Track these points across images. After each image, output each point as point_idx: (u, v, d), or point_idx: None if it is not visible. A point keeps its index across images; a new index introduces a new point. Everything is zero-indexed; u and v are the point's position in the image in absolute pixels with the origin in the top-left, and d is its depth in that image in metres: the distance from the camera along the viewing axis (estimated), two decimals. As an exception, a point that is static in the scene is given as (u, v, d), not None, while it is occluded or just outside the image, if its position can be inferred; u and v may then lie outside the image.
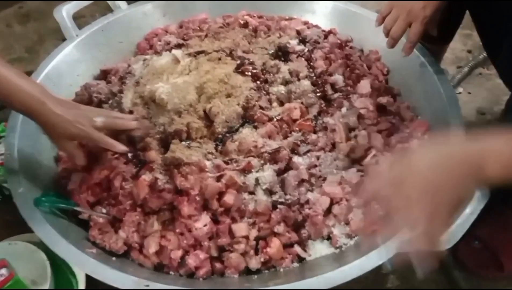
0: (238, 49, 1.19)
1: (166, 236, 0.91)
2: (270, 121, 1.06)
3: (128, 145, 0.97)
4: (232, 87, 1.06)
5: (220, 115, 1.02)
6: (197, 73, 1.06)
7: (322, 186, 0.98)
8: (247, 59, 1.14)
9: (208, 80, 1.04)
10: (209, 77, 1.05)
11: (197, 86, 1.04)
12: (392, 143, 1.07)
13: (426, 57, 1.18)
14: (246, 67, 1.12)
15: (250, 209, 0.93)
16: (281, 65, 1.17)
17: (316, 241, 0.96)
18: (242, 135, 1.03)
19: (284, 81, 1.14)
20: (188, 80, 1.04)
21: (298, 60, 1.19)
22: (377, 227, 0.94)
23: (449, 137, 0.86)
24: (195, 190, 0.91)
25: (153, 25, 1.41)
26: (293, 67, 1.17)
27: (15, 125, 1.05)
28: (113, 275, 0.82)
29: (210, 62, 1.11)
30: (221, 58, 1.14)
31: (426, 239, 0.63)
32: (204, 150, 0.99)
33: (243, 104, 1.05)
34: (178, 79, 1.04)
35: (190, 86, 1.03)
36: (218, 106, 1.02)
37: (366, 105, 1.10)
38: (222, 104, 1.03)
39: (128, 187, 0.96)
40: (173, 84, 1.03)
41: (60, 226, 0.91)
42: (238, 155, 1.00)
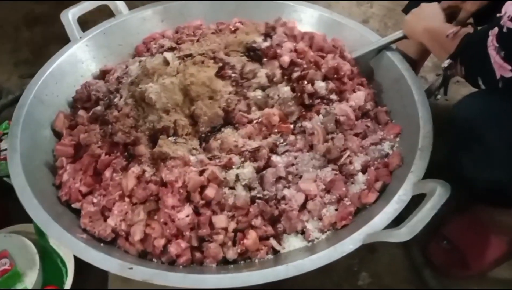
0: (220, 52, 1.24)
1: (150, 225, 0.98)
2: (250, 123, 1.13)
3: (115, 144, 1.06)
4: (213, 91, 1.13)
5: (203, 116, 1.10)
6: (183, 75, 1.14)
7: (298, 183, 1.05)
8: (227, 63, 1.20)
9: (191, 83, 1.12)
10: (193, 80, 1.12)
11: (182, 88, 1.12)
12: (366, 144, 1.13)
13: (403, 65, 1.25)
14: (226, 71, 1.18)
15: (229, 203, 1.00)
16: (259, 70, 1.21)
17: (291, 235, 1.03)
18: (224, 134, 1.10)
19: (261, 86, 1.20)
20: (175, 81, 1.12)
21: (270, 62, 1.24)
22: (348, 222, 1.01)
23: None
24: (178, 183, 0.98)
25: (151, 30, 1.49)
26: (268, 70, 1.22)
27: (19, 118, 1.13)
28: (100, 258, 0.89)
29: (195, 65, 1.18)
30: (204, 62, 1.21)
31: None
32: (189, 146, 1.07)
33: (224, 107, 1.12)
34: (166, 80, 1.12)
35: (176, 87, 1.11)
36: (201, 108, 1.10)
37: (346, 113, 1.16)
38: (205, 106, 1.11)
39: (118, 179, 1.03)
40: (162, 84, 1.10)
41: (55, 214, 0.98)
42: (220, 152, 1.07)
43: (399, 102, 1.22)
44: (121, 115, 1.09)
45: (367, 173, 1.09)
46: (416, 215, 0.86)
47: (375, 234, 0.89)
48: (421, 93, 1.16)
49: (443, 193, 0.88)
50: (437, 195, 0.88)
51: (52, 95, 1.24)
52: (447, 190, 0.89)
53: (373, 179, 1.06)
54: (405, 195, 0.95)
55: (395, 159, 1.08)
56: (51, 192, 1.08)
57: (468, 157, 0.98)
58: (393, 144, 1.15)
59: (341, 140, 1.11)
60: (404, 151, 1.10)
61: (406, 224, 0.84)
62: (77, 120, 1.20)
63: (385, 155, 1.13)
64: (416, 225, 0.84)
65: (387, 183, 1.06)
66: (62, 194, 1.06)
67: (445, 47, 1.03)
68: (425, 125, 1.08)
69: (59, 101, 1.27)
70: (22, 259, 1.09)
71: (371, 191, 1.05)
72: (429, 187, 0.92)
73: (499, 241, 1.16)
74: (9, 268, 1.07)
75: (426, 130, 1.07)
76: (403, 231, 0.84)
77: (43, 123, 1.20)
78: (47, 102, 1.22)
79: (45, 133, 1.19)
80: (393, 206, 0.94)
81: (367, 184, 1.07)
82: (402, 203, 0.94)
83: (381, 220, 0.92)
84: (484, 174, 0.95)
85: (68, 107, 1.29)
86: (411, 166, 1.01)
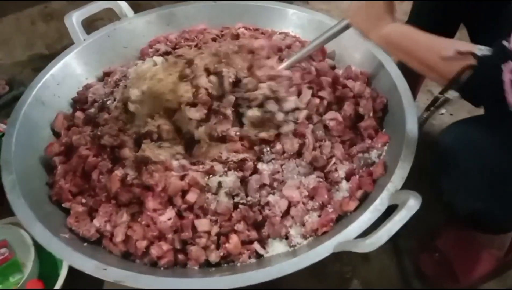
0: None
1: (133, 227, 1.01)
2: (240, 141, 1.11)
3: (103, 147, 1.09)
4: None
5: (184, 126, 1.12)
6: (164, 79, 1.14)
7: (281, 190, 1.06)
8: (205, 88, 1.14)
9: (169, 91, 1.13)
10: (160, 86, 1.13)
11: (162, 93, 1.13)
12: (353, 152, 1.13)
13: (396, 75, 1.23)
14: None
15: (212, 208, 1.01)
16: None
17: (275, 240, 1.04)
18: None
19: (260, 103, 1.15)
20: (153, 87, 1.13)
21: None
22: (328, 229, 1.02)
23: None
24: (159, 187, 1.01)
25: (157, 33, 1.51)
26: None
27: (15, 120, 1.16)
28: (76, 258, 0.91)
29: (175, 69, 1.18)
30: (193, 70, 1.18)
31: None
32: (173, 150, 1.09)
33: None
34: (148, 84, 1.13)
35: (157, 92, 1.12)
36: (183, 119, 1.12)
37: (336, 117, 1.16)
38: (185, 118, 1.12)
39: (104, 181, 1.06)
40: (143, 89, 1.13)
41: (43, 213, 1.01)
42: (204, 159, 1.08)
43: (390, 112, 1.21)
44: (110, 119, 1.13)
45: (350, 181, 1.09)
46: (384, 226, 0.85)
47: (345, 243, 0.89)
48: (411, 103, 1.14)
49: (413, 205, 0.87)
50: (406, 207, 0.87)
51: (52, 96, 1.28)
52: (418, 203, 0.87)
53: (355, 187, 1.06)
54: (381, 205, 0.95)
55: (378, 168, 1.08)
56: (44, 191, 1.12)
57: (448, 184, 0.97)
58: (380, 153, 1.14)
59: (328, 148, 1.12)
60: (390, 161, 1.09)
61: (372, 235, 0.84)
62: (74, 121, 1.23)
63: (371, 164, 1.13)
64: (381, 237, 0.84)
65: (369, 191, 1.06)
66: (53, 194, 1.09)
67: (436, 68, 0.92)
68: (409, 135, 1.07)
69: (60, 102, 1.31)
70: (20, 249, 1.14)
71: (352, 199, 1.05)
72: (402, 198, 0.91)
73: (489, 256, 1.15)
74: (9, 257, 1.11)
75: (409, 141, 1.06)
76: (368, 243, 0.83)
77: (42, 124, 1.23)
78: (48, 103, 1.26)
79: (44, 134, 1.23)
80: (368, 215, 0.94)
81: (349, 192, 1.07)
82: (377, 213, 0.94)
83: (354, 229, 0.92)
84: (463, 201, 0.94)
85: (70, 108, 1.33)
86: (391, 175, 1.00)
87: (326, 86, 1.22)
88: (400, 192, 0.95)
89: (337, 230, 0.98)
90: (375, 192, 1.04)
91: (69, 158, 1.15)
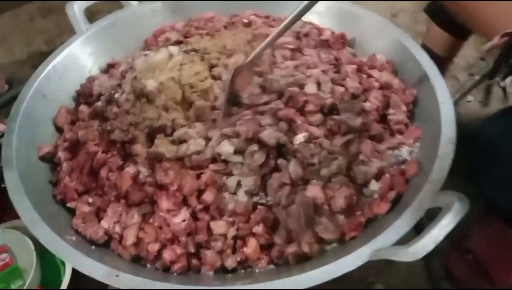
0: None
1: (144, 229, 0.93)
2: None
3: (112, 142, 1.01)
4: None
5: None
6: (187, 71, 1.07)
7: (304, 191, 0.97)
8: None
9: (194, 84, 1.05)
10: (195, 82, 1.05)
11: (184, 85, 1.05)
12: (382, 149, 1.05)
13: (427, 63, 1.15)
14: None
15: (229, 208, 0.94)
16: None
17: (295, 244, 0.96)
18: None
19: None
20: (177, 77, 1.05)
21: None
22: (357, 233, 0.94)
23: None
24: (174, 186, 0.93)
25: (162, 23, 1.42)
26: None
27: (16, 115, 1.08)
28: (85, 263, 0.84)
29: (203, 63, 1.11)
30: (220, 59, 1.13)
31: None
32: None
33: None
34: (167, 75, 1.05)
35: (177, 84, 1.04)
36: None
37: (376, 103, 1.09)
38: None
39: (113, 179, 0.98)
40: (163, 80, 1.04)
41: (47, 213, 0.94)
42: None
43: (421, 104, 1.13)
44: (120, 112, 1.04)
45: (381, 180, 1.00)
46: (428, 233, 0.77)
47: (382, 250, 0.81)
48: (446, 94, 1.06)
49: (460, 209, 0.78)
50: (453, 211, 0.78)
51: (54, 90, 1.20)
52: (465, 206, 0.79)
53: (387, 188, 0.98)
54: (420, 208, 0.86)
55: (412, 167, 0.99)
56: (47, 190, 1.04)
57: (492, 179, 0.89)
58: (412, 149, 1.06)
59: (355, 144, 1.03)
60: (423, 158, 1.01)
61: (416, 242, 0.76)
62: (78, 115, 1.15)
63: (402, 162, 1.04)
64: (427, 245, 0.76)
65: (402, 192, 0.97)
66: (57, 193, 1.01)
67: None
68: (447, 131, 0.99)
69: (63, 95, 1.22)
70: (21, 255, 1.08)
71: (383, 200, 0.96)
72: (445, 200, 0.82)
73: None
74: (10, 262, 1.05)
75: (448, 136, 0.97)
76: (411, 251, 0.75)
77: (44, 119, 1.15)
78: (50, 96, 1.18)
79: (46, 129, 1.15)
80: (405, 219, 0.86)
81: (380, 193, 0.98)
82: (416, 217, 0.86)
83: (391, 235, 0.84)
84: (505, 197, 0.86)
85: (73, 102, 1.24)
86: (428, 175, 0.92)
87: (350, 75, 1.14)
88: (442, 193, 0.86)
89: (368, 235, 0.90)
90: (409, 193, 0.96)
91: (74, 155, 1.07)
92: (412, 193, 0.94)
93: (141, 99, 1.05)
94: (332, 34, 1.31)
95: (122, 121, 1.03)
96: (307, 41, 1.25)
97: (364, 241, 0.86)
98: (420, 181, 0.94)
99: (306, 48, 1.23)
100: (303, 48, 1.23)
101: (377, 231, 0.87)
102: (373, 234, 0.88)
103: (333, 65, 1.18)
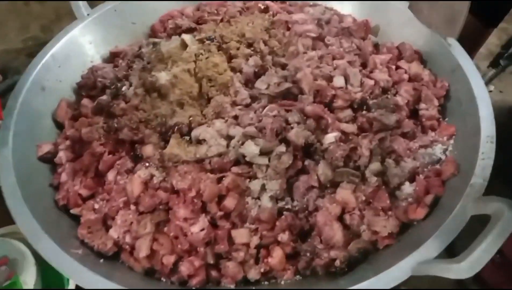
0: (261, 43, 1.07)
1: (158, 240, 0.84)
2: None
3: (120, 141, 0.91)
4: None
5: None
6: (204, 63, 0.97)
7: (333, 194, 0.89)
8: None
9: (213, 77, 0.96)
10: (213, 74, 0.96)
11: (200, 78, 0.95)
12: (414, 147, 0.96)
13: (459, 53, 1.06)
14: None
15: (252, 214, 0.86)
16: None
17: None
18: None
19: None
20: (192, 69, 0.95)
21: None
22: (391, 241, 0.85)
23: None
24: (192, 191, 0.84)
25: (169, 7, 1.32)
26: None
27: (12, 109, 0.98)
28: (95, 282, 0.75)
29: (221, 53, 1.02)
30: (239, 49, 1.04)
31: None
32: (208, 147, 0.91)
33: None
34: (182, 67, 0.95)
35: (193, 76, 0.94)
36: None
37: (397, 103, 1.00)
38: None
39: (122, 183, 0.89)
40: (177, 72, 0.94)
41: (48, 222, 0.85)
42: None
43: (454, 98, 1.04)
44: (128, 108, 0.95)
45: (415, 182, 0.91)
46: (479, 245, 0.68)
47: (427, 264, 0.73)
48: (482, 86, 0.97)
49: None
50: (505, 219, 0.70)
51: (54, 81, 1.09)
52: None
53: (422, 191, 0.89)
54: (463, 215, 0.78)
55: (449, 167, 0.91)
56: (48, 194, 0.94)
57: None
58: (446, 147, 0.97)
59: (386, 142, 0.94)
60: (460, 158, 0.93)
61: (467, 255, 0.67)
62: (81, 110, 1.05)
63: (436, 161, 0.96)
64: (481, 258, 0.67)
65: (439, 195, 0.89)
66: (59, 198, 0.92)
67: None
68: (487, 127, 0.90)
69: (63, 87, 1.11)
70: (21, 267, 0.98)
71: (421, 205, 0.87)
72: (493, 207, 0.74)
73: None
74: (10, 275, 0.96)
75: (488, 134, 0.89)
76: (464, 266, 0.67)
77: (44, 113, 1.05)
78: (49, 88, 1.07)
79: (46, 124, 1.05)
80: (448, 228, 0.77)
81: (415, 196, 0.89)
82: (459, 225, 0.77)
83: (434, 246, 0.76)
84: None
85: (73, 94, 1.14)
86: (469, 176, 0.84)
87: (378, 66, 1.05)
88: (488, 199, 0.78)
89: (404, 245, 0.83)
90: (447, 196, 0.88)
91: (77, 155, 0.97)
92: (450, 197, 0.86)
93: (152, 94, 0.95)
94: (354, 21, 1.21)
95: (131, 118, 0.93)
96: (328, 29, 1.16)
97: (401, 252, 0.78)
98: (459, 183, 0.86)
99: (328, 36, 1.14)
100: (325, 36, 1.13)
101: (416, 240, 0.79)
102: (410, 243, 0.80)
103: (357, 55, 1.09)
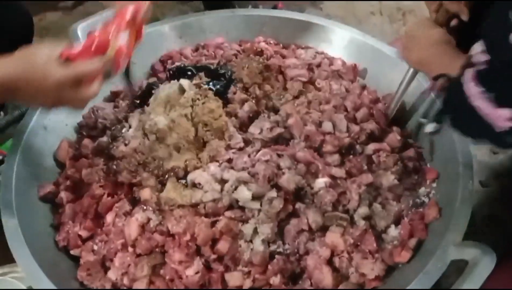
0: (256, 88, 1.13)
1: (155, 283, 0.88)
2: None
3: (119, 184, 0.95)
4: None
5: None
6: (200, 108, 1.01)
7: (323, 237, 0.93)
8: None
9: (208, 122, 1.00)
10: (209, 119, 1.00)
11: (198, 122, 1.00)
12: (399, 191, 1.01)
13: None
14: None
15: (245, 258, 0.89)
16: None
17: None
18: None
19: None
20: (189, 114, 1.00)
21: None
22: (377, 283, 0.89)
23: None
24: (187, 235, 0.87)
25: (168, 47, 1.36)
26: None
27: (16, 150, 1.01)
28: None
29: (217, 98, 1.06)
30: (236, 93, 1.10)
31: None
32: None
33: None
34: (180, 112, 0.99)
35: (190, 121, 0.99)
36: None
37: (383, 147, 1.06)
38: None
39: (120, 225, 0.93)
40: (175, 117, 0.98)
41: (49, 263, 0.88)
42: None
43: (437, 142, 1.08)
44: (127, 151, 0.98)
45: (400, 225, 0.96)
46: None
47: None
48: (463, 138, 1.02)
49: (488, 263, 0.75)
50: (481, 266, 0.75)
51: (56, 120, 1.13)
52: (492, 260, 0.75)
53: (407, 234, 0.93)
54: (442, 259, 0.83)
55: (432, 211, 0.95)
56: (49, 235, 0.97)
57: None
58: (429, 190, 1.02)
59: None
60: (441, 200, 0.97)
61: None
62: (81, 150, 1.08)
63: (419, 204, 1.00)
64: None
65: (422, 239, 0.93)
66: (60, 239, 0.95)
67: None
68: (465, 173, 0.95)
69: (64, 127, 1.15)
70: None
71: (405, 248, 0.91)
72: (470, 253, 0.79)
73: None
74: None
75: (466, 179, 0.94)
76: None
77: (44, 153, 1.08)
78: (50, 128, 1.11)
79: (47, 164, 1.08)
80: (430, 272, 0.81)
81: (400, 239, 0.94)
82: (440, 270, 0.81)
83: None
84: None
85: (74, 133, 1.17)
86: (449, 220, 0.89)
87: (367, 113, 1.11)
88: (465, 245, 0.83)
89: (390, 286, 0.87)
90: (429, 240, 0.92)
91: (78, 195, 1.00)
92: (433, 239, 0.90)
93: (150, 137, 0.99)
94: (343, 64, 1.27)
95: (130, 161, 0.97)
96: (319, 72, 1.21)
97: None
98: (440, 227, 0.91)
99: (318, 79, 1.19)
100: (315, 79, 1.19)
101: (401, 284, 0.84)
102: (396, 286, 0.85)
103: (343, 98, 1.14)
